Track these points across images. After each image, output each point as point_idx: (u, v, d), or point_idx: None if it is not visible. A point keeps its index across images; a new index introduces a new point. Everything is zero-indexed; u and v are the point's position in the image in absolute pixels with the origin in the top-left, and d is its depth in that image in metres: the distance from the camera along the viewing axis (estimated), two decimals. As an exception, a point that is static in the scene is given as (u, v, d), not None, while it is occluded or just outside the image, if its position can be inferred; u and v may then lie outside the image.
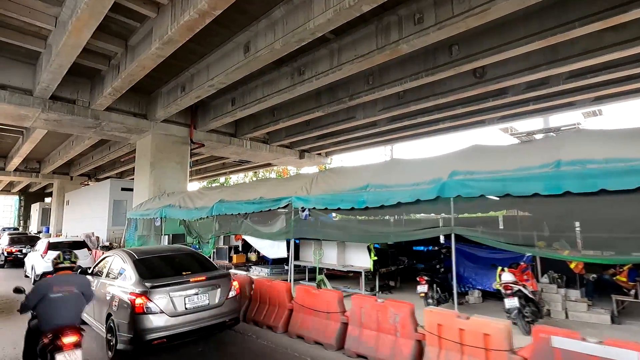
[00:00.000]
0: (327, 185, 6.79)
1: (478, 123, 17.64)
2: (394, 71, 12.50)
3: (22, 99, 12.67)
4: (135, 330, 4.72)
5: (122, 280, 5.39)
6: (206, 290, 5.28)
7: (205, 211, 9.32)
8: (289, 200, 7.08)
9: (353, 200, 5.89)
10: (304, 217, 6.71)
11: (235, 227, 8.66)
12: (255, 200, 7.89)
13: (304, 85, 12.16)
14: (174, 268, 5.63)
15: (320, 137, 20.55)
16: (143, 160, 16.85)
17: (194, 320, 4.99)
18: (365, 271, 6.63)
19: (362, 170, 7.13)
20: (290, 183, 8.11)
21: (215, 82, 11.86)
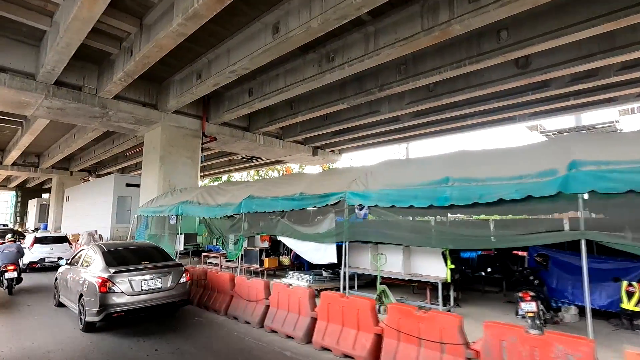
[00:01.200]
0: (389, 179, 5.77)
1: (507, 120, 16.69)
2: (430, 59, 11.51)
3: (23, 83, 11.57)
4: (99, 306, 5.98)
5: (92, 267, 6.68)
6: (159, 276, 6.55)
7: (230, 208, 8.26)
8: (341, 196, 6.05)
9: (431, 196, 4.88)
10: (363, 216, 5.70)
11: (269, 227, 7.61)
12: (294, 196, 6.85)
13: (334, 72, 11.15)
14: (135, 258, 6.83)
15: (337, 133, 19.54)
16: (152, 154, 15.78)
17: (148, 299, 6.30)
18: (442, 282, 5.57)
19: (429, 162, 6.11)
20: (336, 177, 7.07)
21: (237, 67, 10.82)
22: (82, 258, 7.26)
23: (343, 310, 4.73)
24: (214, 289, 7.09)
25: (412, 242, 5.52)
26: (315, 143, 21.47)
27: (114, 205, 19.48)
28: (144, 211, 12.27)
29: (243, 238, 8.10)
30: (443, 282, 5.57)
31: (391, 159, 7.05)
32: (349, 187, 6.11)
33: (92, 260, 6.79)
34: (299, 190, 6.99)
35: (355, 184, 6.09)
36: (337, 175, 7.29)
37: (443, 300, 5.87)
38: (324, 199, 6.36)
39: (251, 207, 7.78)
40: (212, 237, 15.31)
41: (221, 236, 8.92)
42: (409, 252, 6.09)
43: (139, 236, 12.18)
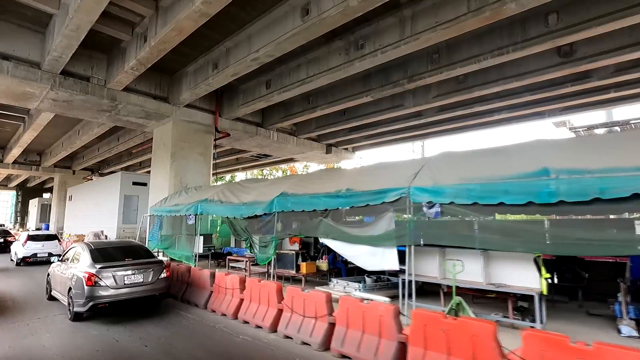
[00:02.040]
0: (463, 172, 4.93)
1: (536, 115, 15.85)
2: (466, 47, 10.67)
3: (28, 73, 10.73)
4: (85, 297, 6.60)
5: (80, 263, 7.19)
6: (141, 271, 7.17)
7: (259, 207, 7.42)
8: (402, 192, 5.20)
9: (529, 191, 4.04)
10: (434, 215, 4.86)
11: (308, 228, 6.76)
12: (340, 192, 6.01)
13: (364, 60, 10.31)
14: (120, 255, 7.43)
15: (354, 130, 18.69)
16: (162, 151, 14.93)
17: (130, 292, 6.92)
18: (538, 294, 4.68)
19: (506, 152, 5.26)
20: (385, 172, 6.21)
21: (260, 54, 9.98)
22: (71, 255, 7.88)
23: (448, 337, 3.64)
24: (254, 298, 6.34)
25: (502, 246, 4.65)
26: (330, 140, 20.62)
27: (120, 204, 18.64)
28: (157, 210, 11.41)
29: (276, 240, 7.25)
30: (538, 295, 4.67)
31: (452, 151, 6.16)
32: (411, 181, 5.26)
33: (80, 257, 7.38)
34: (344, 187, 6.15)
35: (420, 179, 5.25)
36: (385, 170, 6.43)
37: (523, 314, 5.01)
38: (380, 196, 5.51)
39: (285, 206, 6.93)
40: (223, 239, 14.47)
41: (248, 238, 8.07)
42: (487, 258, 5.23)
43: (152, 237, 11.33)
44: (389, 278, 7.25)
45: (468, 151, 5.87)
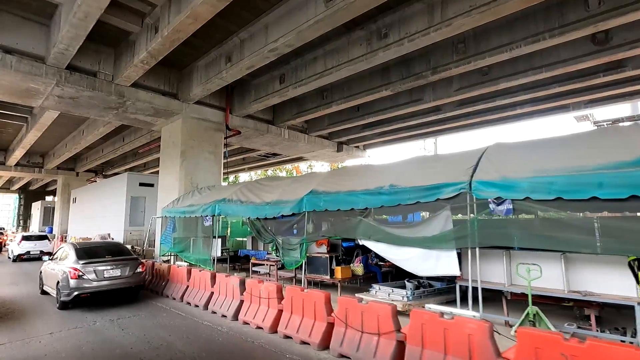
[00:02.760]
0: (535, 163, 4.32)
1: (560, 109, 15.23)
2: (496, 35, 10.07)
3: (32, 67, 10.15)
4: (70, 288, 7.73)
5: (67, 261, 8.35)
6: (119, 266, 8.34)
7: (286, 207, 6.82)
8: (461, 187, 4.57)
9: (632, 183, 3.43)
10: (504, 212, 4.24)
11: (345, 229, 6.13)
12: (383, 189, 5.39)
13: (389, 50, 9.71)
14: (101, 253, 8.60)
15: (367, 126, 18.08)
16: (171, 150, 14.34)
17: (109, 284, 8.07)
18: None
19: (579, 140, 4.66)
20: (435, 165, 5.58)
21: (279, 44, 9.38)
22: (60, 254, 9.01)
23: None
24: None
25: (604, 249, 4.00)
26: (342, 138, 20.00)
27: (127, 206, 18.06)
28: (170, 212, 10.80)
29: (307, 242, 6.64)
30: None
31: (506, 142, 5.52)
32: (470, 175, 4.65)
33: (67, 255, 8.55)
34: (386, 183, 5.54)
35: (483, 172, 4.64)
36: (432, 164, 5.81)
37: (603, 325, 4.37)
38: (433, 192, 4.90)
39: (317, 205, 6.33)
40: (233, 240, 13.85)
41: (274, 240, 7.44)
42: (568, 262, 4.58)
43: (164, 240, 10.72)
44: (429, 283, 6.63)
45: (526, 142, 5.25)
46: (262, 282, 6.24)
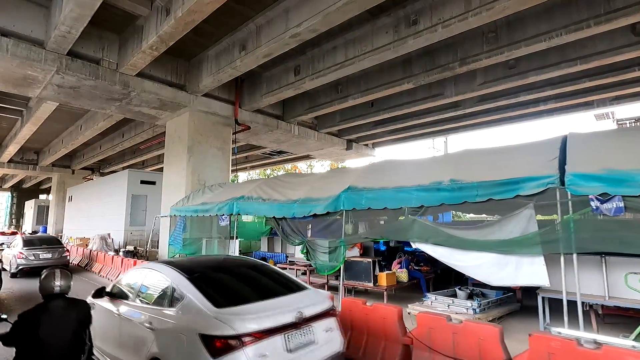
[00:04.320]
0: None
1: (583, 105, 14.66)
2: (532, 23, 9.42)
3: (30, 52, 9.31)
4: (17, 265, 12.31)
5: (17, 247, 12.94)
6: (50, 251, 12.99)
7: (318, 205, 6.07)
8: (549, 181, 3.87)
9: None
10: (614, 211, 3.54)
11: (395, 230, 5.39)
12: (442, 185, 4.66)
13: (419, 37, 9.01)
14: (39, 242, 13.31)
15: (380, 123, 17.38)
16: (177, 145, 13.54)
17: (43, 262, 12.33)
18: None
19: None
20: (502, 157, 4.84)
21: (302, 30, 8.64)
22: (13, 243, 13.50)
23: None
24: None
25: None
26: (352, 135, 19.29)
27: (128, 205, 17.18)
28: (180, 210, 10.00)
29: (345, 245, 5.90)
30: None
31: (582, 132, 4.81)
32: (555, 167, 3.95)
33: (17, 244, 12.99)
34: (445, 177, 4.83)
35: (578, 163, 3.94)
36: (498, 156, 5.04)
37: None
38: (510, 188, 4.20)
39: (358, 203, 5.60)
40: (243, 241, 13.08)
41: (304, 242, 6.68)
42: None
43: (173, 241, 9.92)
44: (482, 292, 5.92)
45: (607, 131, 4.58)
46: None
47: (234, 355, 2.90)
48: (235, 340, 2.93)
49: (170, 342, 3.35)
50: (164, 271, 4.00)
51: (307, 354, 3.33)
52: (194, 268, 4.03)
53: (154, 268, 4.21)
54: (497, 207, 4.81)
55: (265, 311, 3.29)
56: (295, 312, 3.36)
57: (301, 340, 3.34)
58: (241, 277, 4.21)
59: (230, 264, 4.74)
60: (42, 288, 2.93)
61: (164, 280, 3.86)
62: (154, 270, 4.17)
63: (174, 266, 4.03)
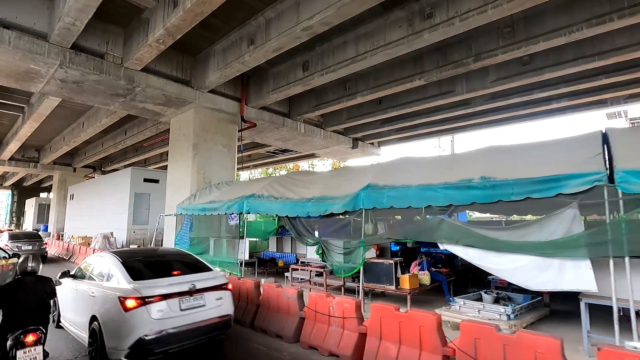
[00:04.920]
0: None
1: (597, 104, 14.38)
2: (551, 17, 9.12)
3: (33, 45, 9.03)
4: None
5: (2, 242, 14.86)
6: (30, 244, 15.59)
7: (334, 204, 5.78)
8: (596, 178, 3.55)
9: None
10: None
11: (420, 230, 5.08)
12: (472, 182, 4.36)
13: (436, 31, 8.72)
14: (25, 238, 16.01)
15: (387, 121, 17.10)
16: (182, 142, 13.26)
17: (23, 252, 13.14)
18: None
19: None
20: (534, 153, 4.57)
21: (315, 22, 8.35)
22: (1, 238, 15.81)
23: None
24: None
25: None
26: (358, 133, 19.01)
27: (131, 203, 16.89)
28: (187, 209, 9.72)
29: (365, 246, 5.60)
30: None
31: (621, 127, 4.51)
32: (601, 164, 3.66)
33: (4, 238, 15.56)
34: (475, 174, 4.54)
35: (629, 159, 3.65)
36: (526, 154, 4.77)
37: None
38: (550, 185, 3.91)
39: (379, 201, 5.31)
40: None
41: (319, 243, 6.40)
42: None
43: (179, 240, 9.64)
44: (509, 296, 5.62)
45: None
46: (331, 296, 5.11)
47: (138, 310, 4.47)
48: (140, 301, 4.50)
49: (103, 304, 4.89)
50: (107, 257, 5.50)
51: (196, 313, 4.82)
52: (129, 256, 5.57)
53: (102, 256, 5.75)
54: (534, 207, 4.52)
55: (166, 283, 4.83)
56: (190, 284, 4.87)
57: (192, 303, 4.86)
58: (161, 261, 5.76)
59: (159, 253, 6.54)
60: (19, 267, 4.18)
61: (106, 264, 5.36)
62: (102, 257, 5.73)
63: (115, 254, 5.54)
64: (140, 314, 4.42)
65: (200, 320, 4.80)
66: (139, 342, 4.34)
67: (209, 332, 4.93)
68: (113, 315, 4.58)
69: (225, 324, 5.10)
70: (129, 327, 4.40)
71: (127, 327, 4.41)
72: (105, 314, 4.74)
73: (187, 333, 4.65)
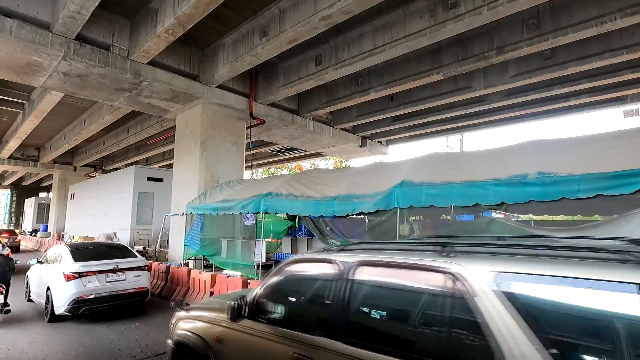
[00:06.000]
0: None
1: (616, 100, 13.98)
2: (580, 8, 8.70)
3: (36, 35, 8.56)
4: None
5: None
6: (8, 239, 19.59)
7: (364, 203, 5.32)
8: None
9: None
10: None
11: (467, 231, 4.66)
12: (529, 178, 3.85)
13: (461, 22, 8.28)
14: (2, 233, 20.74)
15: (398, 119, 16.66)
16: (189, 139, 12.79)
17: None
18: None
19: None
20: (587, 148, 4.13)
21: (335, 11, 7.90)
22: None
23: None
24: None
25: None
26: (367, 131, 18.55)
27: (134, 203, 16.41)
28: (197, 208, 9.25)
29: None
30: None
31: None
32: None
33: None
34: (531, 170, 4.10)
35: None
36: (579, 148, 4.32)
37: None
38: (627, 181, 3.48)
39: (417, 199, 4.85)
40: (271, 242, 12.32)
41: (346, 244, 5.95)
42: None
43: (189, 241, 9.17)
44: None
45: None
46: None
47: (75, 281, 6.82)
48: (76, 275, 6.89)
49: (53, 278, 7.13)
50: (62, 247, 8.01)
51: (118, 284, 7.20)
52: (77, 246, 8.25)
53: (59, 247, 8.25)
54: (604, 205, 4.07)
55: (96, 264, 7.18)
56: (114, 265, 7.30)
57: (115, 278, 7.24)
58: (99, 250, 8.04)
59: (100, 244, 9.47)
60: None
61: (60, 251, 7.79)
62: (59, 247, 8.19)
63: (68, 245, 8.15)
64: (76, 283, 6.79)
65: (120, 290, 7.18)
66: (74, 302, 6.67)
67: (127, 298, 7.22)
68: (59, 284, 6.89)
69: (142, 294, 7.43)
70: (68, 292, 6.76)
71: (67, 292, 6.76)
72: (54, 284, 7.01)
73: (110, 297, 7.04)
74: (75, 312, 6.72)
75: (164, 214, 13.58)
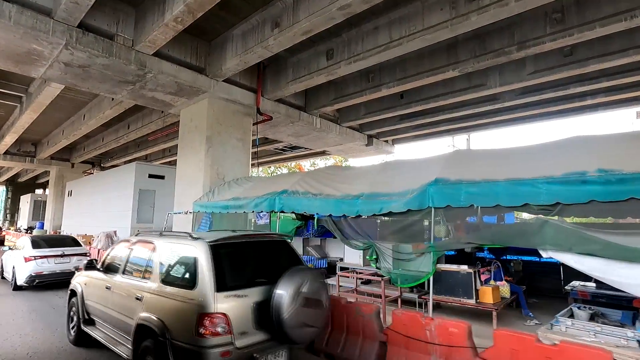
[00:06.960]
0: None
1: (632, 100, 13.68)
2: (607, 1, 8.34)
3: (36, 21, 8.10)
4: None
5: None
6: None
7: (394, 201, 4.90)
8: None
9: None
10: None
11: (515, 233, 4.21)
12: (588, 175, 3.51)
13: (487, 12, 7.89)
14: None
15: (406, 117, 16.28)
16: (194, 135, 12.35)
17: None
18: None
19: None
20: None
21: (354, 0, 7.48)
22: None
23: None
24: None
25: None
26: (374, 130, 18.14)
27: (135, 200, 15.92)
28: (206, 206, 8.81)
29: (435, 252, 4.71)
30: None
31: None
32: None
33: None
34: (591, 167, 3.71)
35: None
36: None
37: None
38: None
39: (455, 198, 4.43)
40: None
41: (372, 246, 5.51)
42: None
43: (196, 241, 8.74)
44: (602, 312, 4.82)
45: None
46: (424, 316, 4.15)
47: (31, 262, 10.24)
48: (32, 258, 10.30)
49: (17, 260, 10.59)
50: (26, 238, 11.28)
51: (63, 265, 10.58)
52: (37, 237, 11.73)
53: (24, 238, 11.59)
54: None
55: (48, 250, 10.67)
56: (62, 252, 10.79)
57: (62, 261, 10.66)
58: (54, 241, 11.63)
59: (56, 236, 14.57)
60: None
61: (24, 242, 11.13)
62: (23, 238, 11.42)
63: (30, 237, 11.52)
64: (32, 264, 10.07)
65: (65, 270, 10.33)
66: (30, 276, 9.94)
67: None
68: (20, 264, 10.16)
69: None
70: (26, 270, 10.01)
71: (25, 270, 10.01)
72: (17, 264, 10.31)
73: (57, 274, 10.32)
74: (31, 283, 10.07)
75: (166, 212, 13.12)
